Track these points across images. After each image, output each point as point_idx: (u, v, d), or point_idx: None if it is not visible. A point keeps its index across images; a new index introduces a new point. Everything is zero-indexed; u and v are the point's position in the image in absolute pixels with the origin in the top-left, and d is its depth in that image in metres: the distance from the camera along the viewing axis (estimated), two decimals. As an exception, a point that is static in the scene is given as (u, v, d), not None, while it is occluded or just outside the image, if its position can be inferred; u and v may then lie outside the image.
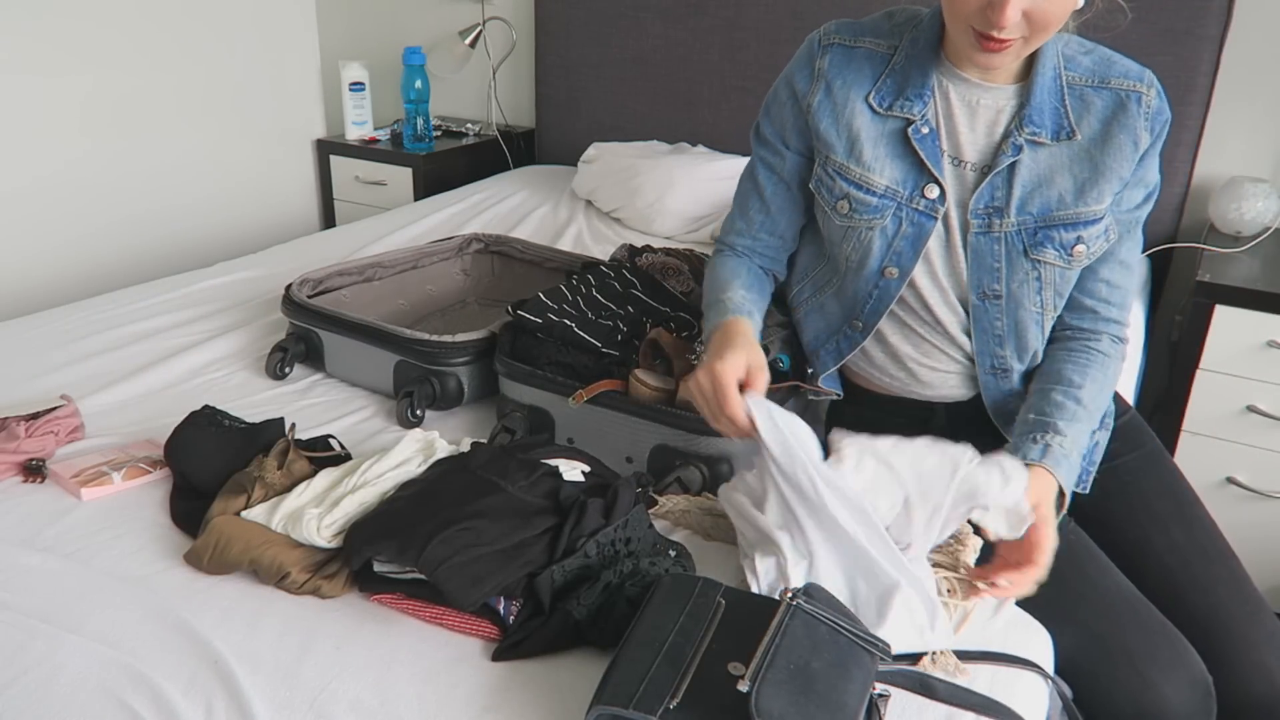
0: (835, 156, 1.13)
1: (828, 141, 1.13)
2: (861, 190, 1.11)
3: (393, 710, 0.85)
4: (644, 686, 0.77)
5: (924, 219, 1.10)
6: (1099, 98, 1.08)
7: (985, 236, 1.10)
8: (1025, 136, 1.07)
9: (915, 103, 1.09)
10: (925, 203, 1.09)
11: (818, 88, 1.13)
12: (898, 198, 1.10)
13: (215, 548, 1.02)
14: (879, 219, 1.11)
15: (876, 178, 1.10)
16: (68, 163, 2.34)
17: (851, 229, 1.13)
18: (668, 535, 1.10)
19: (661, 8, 2.56)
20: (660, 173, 2.34)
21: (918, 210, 1.10)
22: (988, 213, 1.09)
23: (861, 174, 1.11)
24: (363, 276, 1.69)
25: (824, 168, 1.15)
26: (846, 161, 1.12)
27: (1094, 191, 1.08)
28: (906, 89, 1.10)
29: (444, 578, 0.92)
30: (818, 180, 1.16)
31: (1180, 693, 0.98)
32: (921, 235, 1.10)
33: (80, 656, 0.91)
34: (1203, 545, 1.15)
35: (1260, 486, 1.85)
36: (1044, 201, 1.08)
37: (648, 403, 1.22)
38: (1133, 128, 1.07)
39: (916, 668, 0.90)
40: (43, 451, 1.23)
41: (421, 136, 2.77)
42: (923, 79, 1.09)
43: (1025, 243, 1.09)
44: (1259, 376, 1.80)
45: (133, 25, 2.41)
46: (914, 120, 1.09)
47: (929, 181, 1.09)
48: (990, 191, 1.09)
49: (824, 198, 1.15)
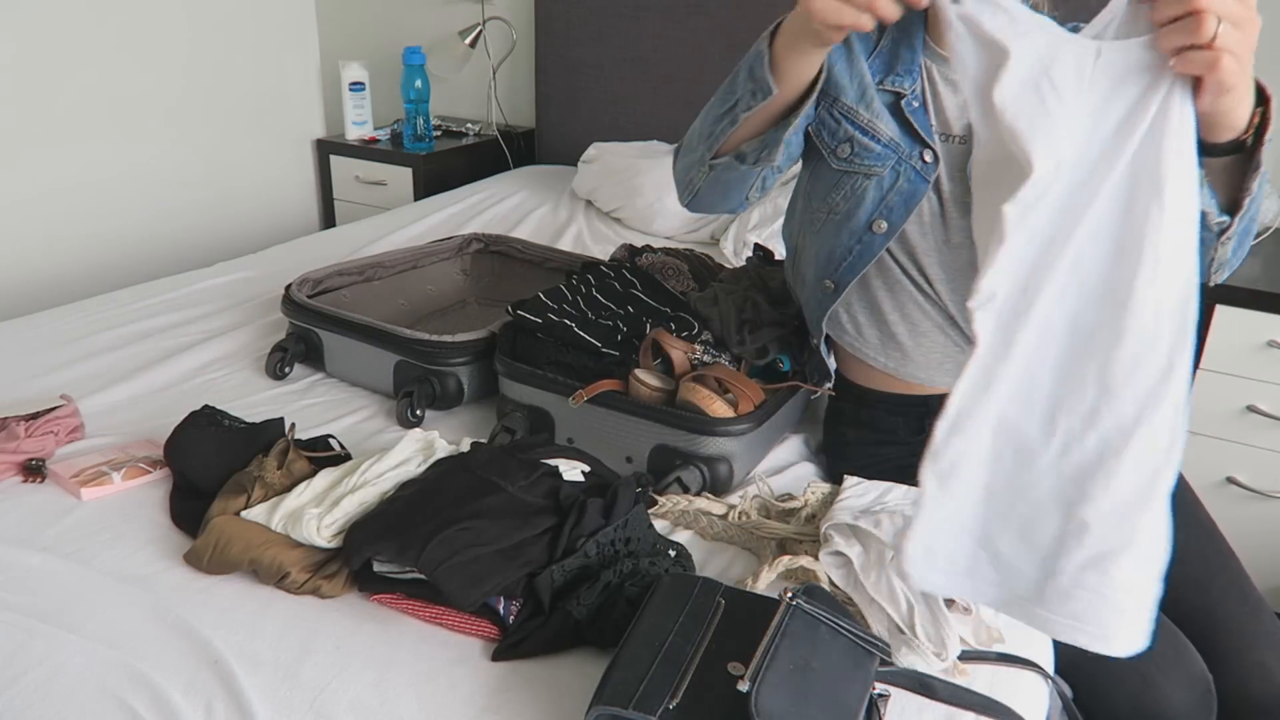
0: (845, 99, 1.12)
1: (839, 84, 1.12)
2: (867, 136, 1.12)
3: (393, 710, 0.85)
4: (644, 686, 0.77)
5: (919, 180, 1.11)
6: None
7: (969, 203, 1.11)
8: None
9: (905, 78, 1.12)
10: (922, 165, 1.11)
11: None
12: (899, 151, 1.11)
13: (215, 548, 1.02)
14: (879, 168, 1.12)
15: (883, 127, 1.11)
16: (67, 163, 2.34)
17: (847, 175, 1.13)
18: (668, 535, 1.10)
19: (661, 8, 2.56)
20: (660, 173, 2.34)
21: (915, 169, 1.11)
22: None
23: (870, 120, 1.11)
24: (363, 276, 1.69)
25: (829, 110, 1.14)
26: (856, 105, 1.12)
27: None
28: (896, 66, 1.12)
29: (444, 578, 0.92)
30: (819, 122, 1.15)
31: (1180, 691, 0.98)
32: (915, 195, 1.12)
33: (80, 656, 0.91)
34: (1202, 545, 1.15)
35: (1260, 486, 1.84)
36: None
37: (648, 403, 1.22)
38: None
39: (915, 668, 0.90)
40: (43, 451, 1.23)
41: (421, 136, 2.77)
42: (911, 56, 1.12)
43: None
44: (1259, 376, 1.80)
45: (132, 25, 2.41)
46: (904, 94, 1.11)
47: (924, 147, 1.11)
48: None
49: (824, 140, 1.14)
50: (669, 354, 1.27)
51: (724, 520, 1.12)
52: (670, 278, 1.60)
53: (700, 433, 1.18)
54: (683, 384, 1.21)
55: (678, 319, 1.40)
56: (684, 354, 1.27)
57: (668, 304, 1.48)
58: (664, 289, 1.54)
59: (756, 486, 1.20)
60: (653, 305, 1.47)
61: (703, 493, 1.18)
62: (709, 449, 1.19)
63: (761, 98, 0.98)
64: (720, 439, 1.18)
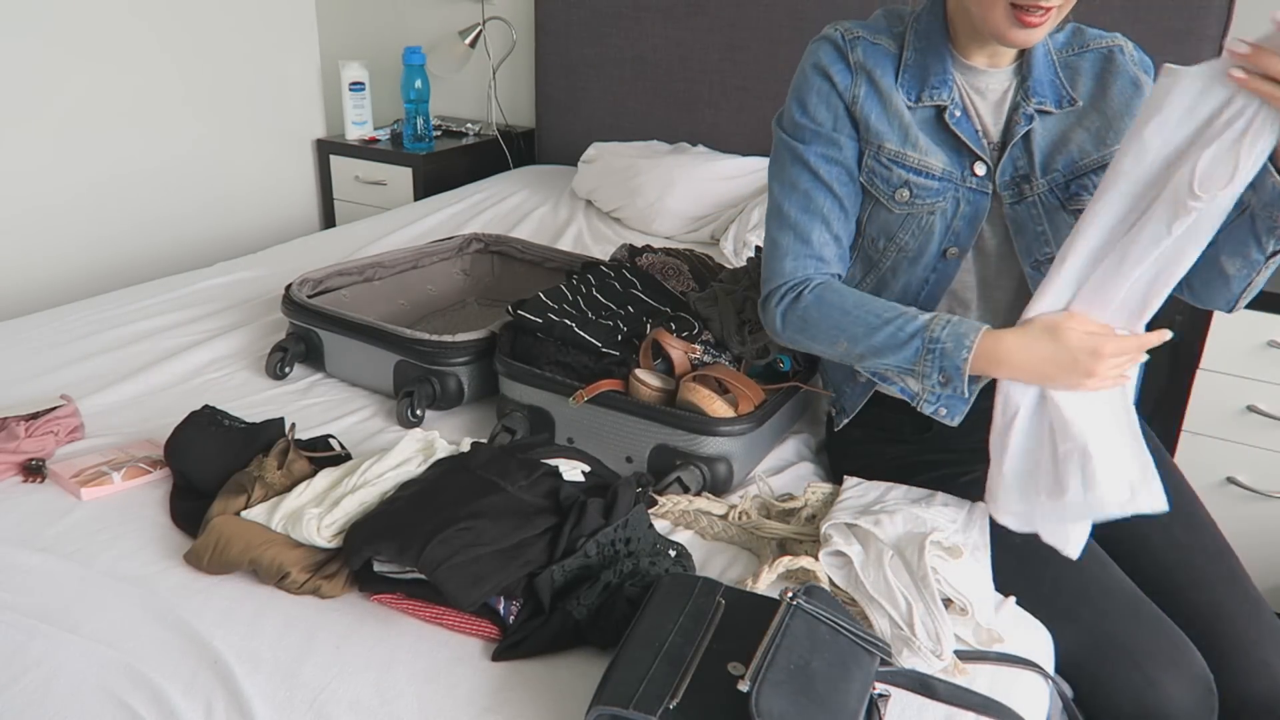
0: (890, 145, 1.13)
1: (879, 131, 1.13)
2: (921, 175, 1.12)
3: (393, 710, 0.85)
4: (644, 686, 0.77)
5: (978, 196, 1.12)
6: (1084, 60, 1.14)
7: (1020, 205, 1.12)
8: (1034, 106, 1.11)
9: (942, 89, 1.12)
10: (976, 180, 1.12)
11: (859, 80, 1.13)
12: (953, 179, 1.12)
13: (215, 548, 1.02)
14: (940, 201, 1.12)
15: (934, 161, 1.12)
16: (67, 163, 2.34)
17: (912, 215, 1.13)
18: (668, 535, 1.10)
19: (661, 8, 2.56)
20: (660, 173, 2.34)
21: (971, 189, 1.12)
22: (1015, 183, 1.12)
23: (919, 159, 1.12)
24: (363, 276, 1.69)
25: (876, 159, 1.13)
26: (903, 149, 1.12)
27: (1110, 134, 1.11)
28: (929, 79, 1.12)
29: (444, 578, 0.92)
30: (870, 172, 1.14)
31: (1181, 690, 0.97)
32: (978, 213, 1.13)
33: (80, 656, 0.91)
34: (1202, 544, 1.14)
35: (1260, 486, 1.84)
36: (1067, 158, 1.12)
37: (648, 403, 1.22)
38: (1127, 72, 1.13)
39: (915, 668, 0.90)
40: (43, 451, 1.23)
41: (421, 136, 2.77)
42: (942, 68, 1.12)
43: (1060, 197, 1.12)
44: (1259, 376, 1.80)
45: (132, 25, 2.41)
46: (946, 105, 1.12)
47: (974, 160, 1.12)
48: (1012, 163, 1.12)
49: (879, 189, 1.14)
50: (669, 354, 1.27)
51: (724, 520, 1.12)
52: (670, 278, 1.60)
53: (700, 433, 1.18)
54: (683, 384, 1.21)
55: (678, 319, 1.40)
56: (684, 354, 1.27)
57: (668, 304, 1.48)
58: (664, 289, 1.54)
59: (756, 486, 1.20)
60: (653, 305, 1.47)
61: (703, 493, 1.18)
62: (709, 449, 1.19)
63: (944, 388, 1.05)
64: (720, 439, 1.18)
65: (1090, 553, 1.09)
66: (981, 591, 1.00)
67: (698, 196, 2.29)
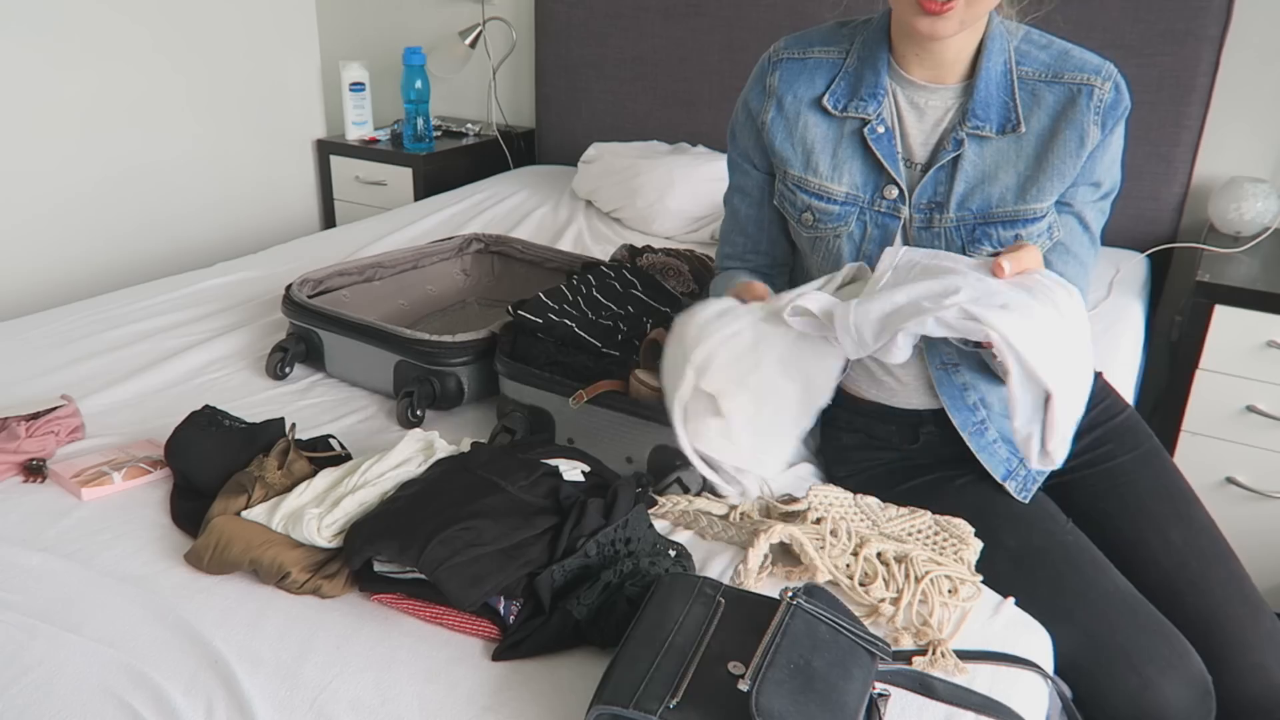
0: (793, 170, 1.15)
1: (784, 156, 1.15)
2: (822, 200, 1.13)
3: (393, 710, 0.86)
4: (644, 686, 0.77)
5: (888, 220, 1.12)
6: (1050, 92, 1.08)
7: (926, 231, 1.12)
8: (968, 130, 1.08)
9: (870, 102, 1.11)
10: (887, 204, 1.11)
11: (769, 105, 1.15)
12: (859, 202, 1.12)
13: (215, 548, 1.02)
14: (844, 225, 1.13)
15: (835, 186, 1.12)
16: (67, 163, 2.34)
17: (819, 239, 1.16)
18: (668, 535, 1.10)
19: (661, 8, 2.56)
20: (660, 173, 2.34)
21: (880, 212, 1.12)
22: (929, 208, 1.11)
23: (820, 184, 1.13)
24: (363, 276, 1.69)
25: (784, 183, 1.17)
26: (804, 174, 1.14)
27: (1034, 189, 1.08)
28: (860, 89, 1.11)
29: (444, 578, 0.92)
30: (780, 195, 1.18)
31: (1179, 692, 0.98)
32: (887, 236, 1.12)
33: (80, 656, 0.91)
34: (1202, 545, 1.14)
35: (1260, 486, 1.85)
36: (984, 198, 1.09)
37: (648, 403, 1.22)
38: (1080, 123, 1.07)
39: (915, 667, 0.90)
40: (43, 451, 1.23)
41: (421, 136, 2.77)
42: (875, 79, 1.11)
43: (963, 239, 1.11)
44: (1259, 376, 1.80)
45: (132, 25, 2.41)
46: (869, 119, 1.10)
47: (888, 183, 1.11)
48: (933, 186, 1.10)
49: (788, 211, 1.18)
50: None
51: (724, 520, 1.12)
52: (670, 278, 1.60)
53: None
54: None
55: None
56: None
57: (668, 304, 1.48)
58: (664, 289, 1.54)
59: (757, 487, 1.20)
60: (653, 305, 1.48)
61: (703, 493, 1.18)
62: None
63: None
64: (720, 439, 1.18)
65: (1089, 555, 1.09)
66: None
67: (698, 196, 2.29)
